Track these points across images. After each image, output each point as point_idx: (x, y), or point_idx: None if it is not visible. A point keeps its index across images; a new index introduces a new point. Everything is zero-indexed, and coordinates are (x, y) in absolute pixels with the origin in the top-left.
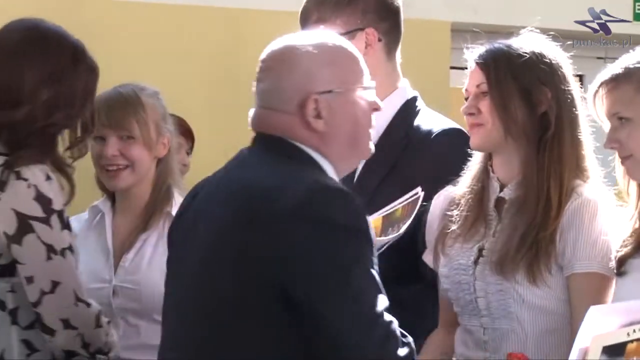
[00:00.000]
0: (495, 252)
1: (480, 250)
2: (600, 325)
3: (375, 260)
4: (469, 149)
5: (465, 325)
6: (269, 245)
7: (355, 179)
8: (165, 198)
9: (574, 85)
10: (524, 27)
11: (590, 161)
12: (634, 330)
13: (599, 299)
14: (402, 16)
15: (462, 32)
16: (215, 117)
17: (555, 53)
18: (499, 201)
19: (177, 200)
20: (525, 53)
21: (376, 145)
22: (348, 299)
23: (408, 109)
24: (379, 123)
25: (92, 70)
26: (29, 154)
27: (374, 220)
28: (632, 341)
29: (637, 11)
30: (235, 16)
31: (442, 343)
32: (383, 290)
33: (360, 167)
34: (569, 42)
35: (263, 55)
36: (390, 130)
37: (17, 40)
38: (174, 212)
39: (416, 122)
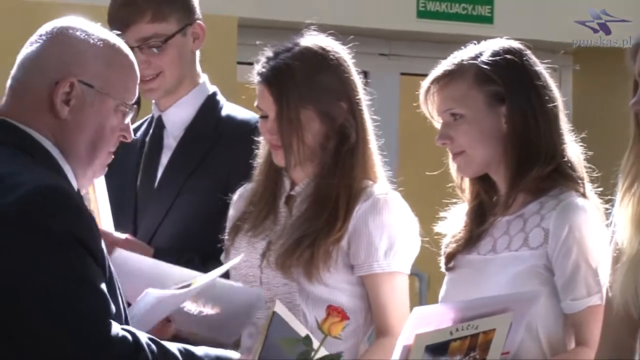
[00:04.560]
0: (277, 247)
1: (269, 244)
2: (423, 324)
3: (101, 275)
4: None
5: None
6: None
7: (159, 175)
8: None
9: (360, 88)
10: (309, 23)
11: (377, 163)
12: (457, 329)
13: (400, 297)
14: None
15: (249, 28)
16: None
17: (343, 58)
18: (290, 198)
19: None
20: (319, 68)
21: (181, 140)
22: (69, 314)
23: (212, 103)
24: (183, 118)
25: None
26: None
27: (203, 277)
28: (455, 340)
29: (420, 9)
30: (29, 8)
31: None
32: (111, 303)
33: (164, 161)
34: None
35: (46, 25)
36: (196, 124)
37: None
38: None
39: (225, 114)
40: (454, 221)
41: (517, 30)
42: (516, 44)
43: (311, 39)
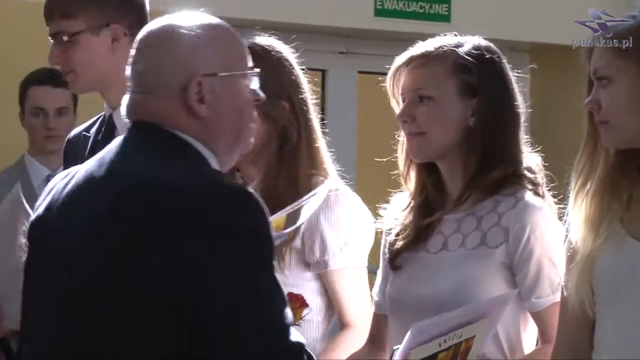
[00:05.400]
0: None
1: None
2: (419, 339)
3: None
4: None
5: None
6: (163, 249)
7: None
8: None
9: (305, 87)
10: (264, 21)
11: (327, 160)
12: (445, 340)
13: (359, 291)
14: (148, 10)
15: None
16: None
17: (285, 57)
18: None
19: None
20: (259, 68)
21: None
22: (256, 307)
23: None
24: None
25: None
26: None
27: (277, 220)
28: (443, 350)
29: (378, 7)
30: (28, 8)
31: None
32: (286, 297)
33: None
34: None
35: (140, 35)
36: None
37: None
38: None
39: None
40: (395, 214)
41: (475, 28)
42: (495, 47)
43: (253, 39)
